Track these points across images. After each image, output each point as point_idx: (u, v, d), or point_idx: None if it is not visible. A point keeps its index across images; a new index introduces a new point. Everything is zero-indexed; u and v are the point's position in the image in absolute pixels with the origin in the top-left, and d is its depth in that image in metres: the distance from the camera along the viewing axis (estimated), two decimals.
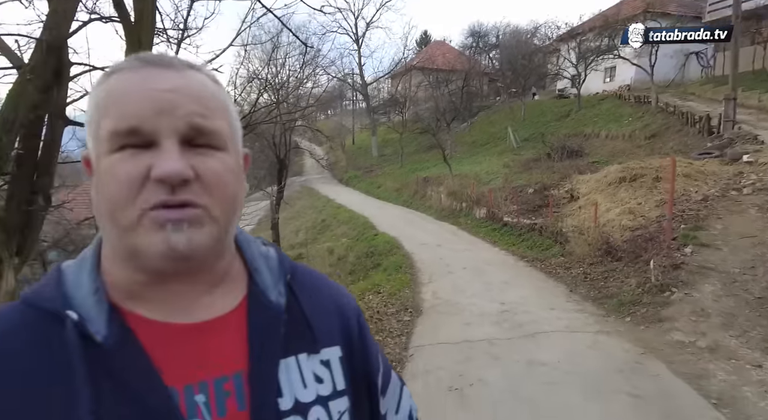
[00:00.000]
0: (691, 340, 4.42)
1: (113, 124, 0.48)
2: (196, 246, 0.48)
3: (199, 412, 0.49)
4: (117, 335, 0.49)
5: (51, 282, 0.52)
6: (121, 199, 0.47)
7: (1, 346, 0.47)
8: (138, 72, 0.50)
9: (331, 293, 0.67)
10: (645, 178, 10.04)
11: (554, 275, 7.75)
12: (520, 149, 21.39)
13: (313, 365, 0.57)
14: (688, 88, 21.32)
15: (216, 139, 0.51)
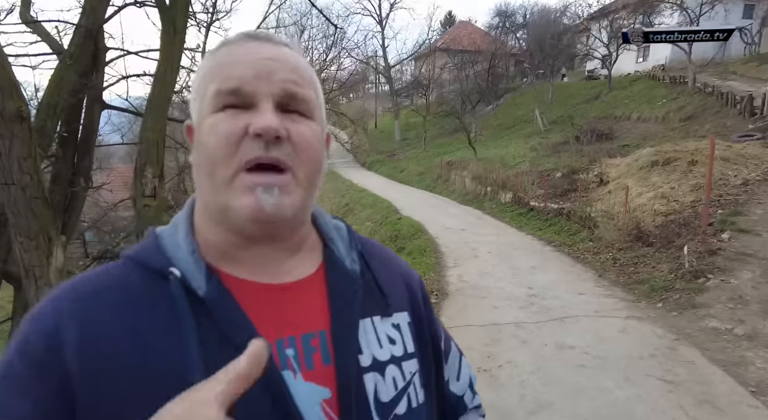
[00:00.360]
0: (727, 328, 4.32)
1: (217, 86, 0.53)
2: (282, 209, 0.52)
3: (290, 364, 0.52)
4: (216, 291, 0.52)
5: (151, 244, 0.56)
6: (220, 154, 0.51)
7: (114, 298, 0.51)
8: (242, 45, 0.56)
9: (397, 264, 0.71)
10: (679, 161, 9.70)
11: (582, 260, 7.64)
12: (547, 132, 20.90)
13: (386, 328, 0.60)
14: (729, 67, 20.28)
15: (306, 106, 0.55)
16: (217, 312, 0.51)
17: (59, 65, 4.96)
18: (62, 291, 0.52)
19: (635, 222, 7.74)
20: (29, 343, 0.48)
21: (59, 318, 0.49)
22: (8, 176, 2.98)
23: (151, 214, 3.87)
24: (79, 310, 0.49)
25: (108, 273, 0.54)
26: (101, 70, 5.60)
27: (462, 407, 0.74)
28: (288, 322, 0.54)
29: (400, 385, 0.58)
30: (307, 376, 0.52)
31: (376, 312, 0.60)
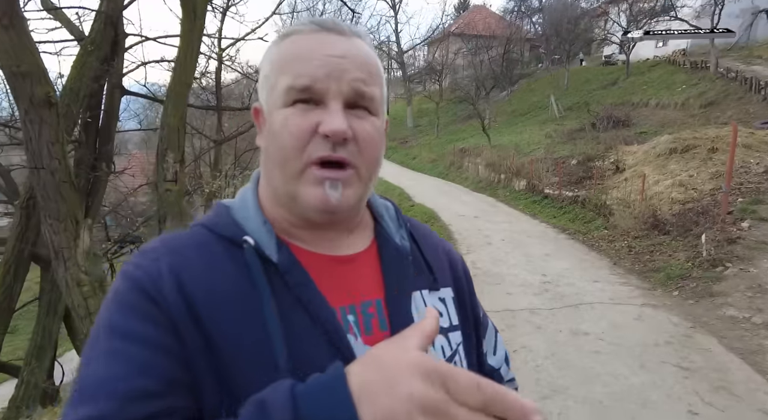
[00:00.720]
0: (745, 316, 4.29)
1: (290, 81, 0.56)
2: (345, 202, 0.56)
3: (351, 329, 0.57)
4: (287, 259, 0.57)
5: (223, 214, 0.61)
6: (291, 149, 0.55)
7: (200, 255, 0.55)
8: (314, 36, 0.58)
9: (440, 243, 0.75)
10: (698, 149, 9.53)
11: (597, 248, 7.60)
12: (562, 119, 20.58)
13: (433, 300, 0.65)
14: (754, 51, 19.60)
15: (372, 104, 0.58)
16: (289, 277, 0.55)
17: (81, 51, 5.04)
18: (154, 245, 0.58)
19: (652, 210, 7.66)
20: (137, 281, 0.52)
21: (160, 264, 0.53)
22: (38, 161, 3.07)
23: (172, 198, 3.96)
24: (176, 260, 0.54)
25: (187, 236, 0.59)
26: (121, 56, 5.68)
27: (498, 379, 0.78)
28: (347, 290, 0.59)
29: (448, 354, 0.63)
30: (366, 340, 0.57)
31: (425, 286, 0.64)
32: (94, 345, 0.51)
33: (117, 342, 0.49)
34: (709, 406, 3.02)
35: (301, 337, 0.53)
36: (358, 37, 0.60)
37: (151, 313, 0.50)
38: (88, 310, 3.99)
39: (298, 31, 0.59)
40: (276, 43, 0.61)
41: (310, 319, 0.54)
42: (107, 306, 0.54)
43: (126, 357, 0.48)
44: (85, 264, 3.75)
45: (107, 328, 0.51)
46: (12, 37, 2.74)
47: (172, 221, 3.93)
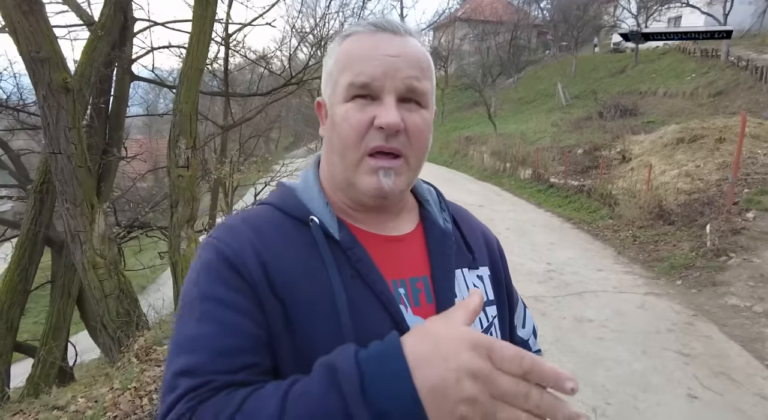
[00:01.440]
0: (747, 305, 4.36)
1: (351, 79, 0.63)
2: (396, 188, 0.64)
3: (402, 300, 0.64)
4: (346, 236, 0.64)
5: (289, 195, 0.69)
6: (351, 140, 0.63)
7: (277, 230, 0.63)
8: (372, 36, 0.65)
9: (478, 226, 0.83)
10: (706, 139, 9.48)
11: (602, 238, 7.65)
12: (569, 107, 20.43)
13: (472, 278, 0.72)
14: (766, 39, 19.31)
15: (423, 98, 0.65)
16: (350, 253, 0.63)
17: (91, 36, 5.06)
18: (235, 221, 0.65)
19: (657, 200, 7.67)
20: (223, 254, 0.60)
21: (242, 239, 0.61)
22: (56, 145, 3.14)
23: (185, 184, 4.03)
24: (256, 235, 0.62)
25: (261, 214, 0.67)
26: (130, 42, 5.70)
27: (527, 349, 0.84)
28: (398, 266, 0.66)
29: (484, 326, 0.70)
30: (415, 311, 0.64)
31: (465, 265, 0.72)
32: (187, 309, 0.59)
33: (208, 305, 0.57)
34: (708, 390, 3.10)
35: (361, 305, 0.60)
36: (410, 35, 0.66)
37: (236, 283, 0.58)
38: (104, 291, 4.10)
39: (357, 32, 0.66)
40: (338, 43, 0.67)
41: (368, 290, 0.61)
42: (196, 275, 0.61)
43: (216, 319, 0.56)
44: (101, 247, 3.85)
45: (198, 294, 0.59)
46: (32, 23, 2.78)
47: (184, 206, 4.01)
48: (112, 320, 4.24)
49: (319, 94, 0.73)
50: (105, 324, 4.35)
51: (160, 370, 3.27)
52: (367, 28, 0.65)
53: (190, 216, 4.05)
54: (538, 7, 35.68)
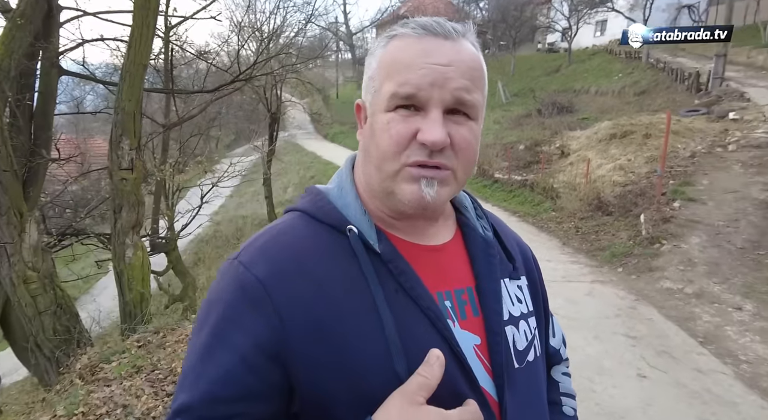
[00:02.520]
0: (679, 288, 4.75)
1: (394, 88, 0.57)
2: (439, 199, 0.59)
3: (449, 314, 0.61)
4: (387, 247, 0.60)
5: (324, 202, 0.63)
6: (389, 152, 0.58)
7: (301, 254, 0.58)
8: (419, 41, 0.58)
9: (512, 234, 0.80)
10: (635, 134, 10.24)
11: (546, 229, 8.04)
12: (510, 105, 21.28)
13: (513, 288, 0.70)
14: (679, 43, 21.17)
15: (472, 110, 0.59)
16: (392, 266, 0.59)
17: (8, 25, 4.57)
18: (265, 240, 0.60)
19: (596, 192, 8.18)
20: (247, 286, 0.56)
21: (273, 263, 0.57)
22: None
23: (129, 187, 3.75)
24: (292, 256, 0.57)
25: (293, 226, 0.62)
26: (57, 32, 5.20)
27: (558, 358, 0.86)
28: (442, 277, 0.63)
29: (529, 338, 0.68)
30: (463, 325, 0.61)
31: (506, 274, 0.69)
32: (197, 334, 0.57)
33: (216, 344, 0.55)
34: (654, 369, 3.35)
35: (407, 322, 0.57)
36: (464, 38, 0.61)
37: (253, 325, 0.54)
38: (38, 308, 3.73)
39: (403, 35, 0.60)
40: (382, 45, 0.61)
41: (414, 305, 0.58)
42: (211, 305, 0.58)
43: (220, 363, 0.54)
44: (33, 259, 3.49)
45: (209, 328, 0.56)
46: None
47: (128, 211, 3.72)
48: (48, 339, 3.86)
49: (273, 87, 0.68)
50: (39, 344, 3.95)
51: (110, 391, 3.02)
52: (415, 31, 0.59)
53: (135, 221, 3.77)
54: (477, 7, 36.82)
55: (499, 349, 0.62)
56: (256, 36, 8.66)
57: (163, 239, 8.14)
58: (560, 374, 0.86)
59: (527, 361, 0.66)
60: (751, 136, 8.90)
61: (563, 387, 0.85)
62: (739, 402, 2.94)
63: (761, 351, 3.55)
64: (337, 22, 34.90)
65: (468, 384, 0.58)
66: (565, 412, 0.82)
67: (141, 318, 3.92)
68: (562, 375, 0.86)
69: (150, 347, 3.47)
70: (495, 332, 0.62)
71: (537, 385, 0.69)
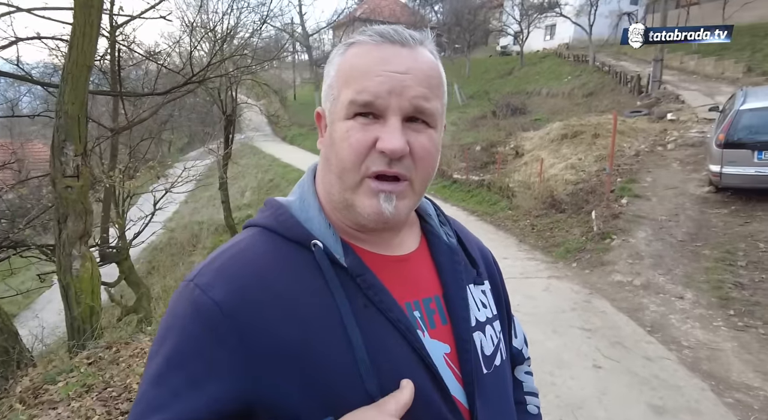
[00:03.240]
0: (628, 280, 5.02)
1: (352, 96, 0.57)
2: (398, 214, 0.59)
3: (419, 324, 0.61)
4: (354, 261, 0.59)
5: (286, 216, 0.61)
6: (350, 161, 0.57)
7: (263, 271, 0.56)
8: (377, 48, 0.58)
9: (474, 239, 0.81)
10: (585, 134, 10.73)
11: (504, 228, 8.27)
12: (465, 107, 21.76)
13: (478, 294, 0.71)
14: (621, 48, 22.40)
15: (431, 118, 0.60)
16: (360, 280, 0.58)
17: None
18: (223, 259, 0.58)
19: (549, 191, 8.50)
20: (203, 310, 0.53)
21: (232, 283, 0.55)
22: None
23: (75, 196, 3.54)
24: (252, 274, 0.55)
25: (253, 243, 0.60)
26: None
27: (521, 358, 0.88)
28: (410, 288, 0.63)
29: (495, 341, 0.69)
30: (432, 335, 0.62)
31: (471, 280, 0.70)
32: (153, 354, 0.56)
33: (171, 370, 0.53)
34: (608, 359, 3.52)
35: (378, 336, 0.56)
36: (422, 46, 0.61)
37: (209, 350, 0.53)
38: None
39: (361, 42, 0.59)
40: (340, 52, 0.61)
41: (383, 318, 0.57)
42: (168, 327, 0.55)
43: (172, 390, 0.53)
44: None
45: (164, 352, 0.54)
46: None
47: (75, 221, 3.50)
48: None
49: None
50: None
51: (56, 414, 2.83)
52: (372, 38, 0.59)
53: (83, 231, 3.56)
54: (432, 10, 37.42)
55: (468, 356, 0.63)
56: (209, 37, 8.40)
57: (113, 249, 7.73)
58: (523, 374, 0.89)
59: (495, 365, 0.68)
60: (686, 136, 9.54)
61: (527, 386, 0.88)
62: (683, 385, 3.15)
63: (701, 336, 3.81)
64: (293, 23, 34.42)
65: (439, 393, 0.58)
66: (530, 410, 0.85)
67: (91, 333, 3.70)
68: (525, 374, 0.89)
69: (102, 364, 3.28)
70: (464, 340, 0.63)
71: (504, 388, 0.70)
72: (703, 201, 6.50)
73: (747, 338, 3.74)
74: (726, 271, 4.78)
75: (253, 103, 17.08)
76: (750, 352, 3.54)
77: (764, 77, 13.12)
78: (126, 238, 8.28)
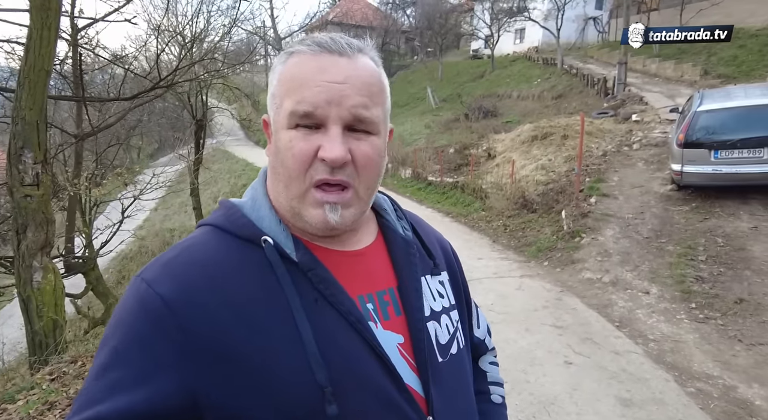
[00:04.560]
0: (597, 277, 5.17)
1: (292, 107, 0.58)
2: (344, 221, 0.61)
3: (371, 316, 0.63)
4: (305, 256, 0.60)
5: (236, 214, 0.62)
6: (295, 171, 0.59)
7: (210, 270, 0.56)
8: (316, 58, 0.59)
9: (432, 231, 0.84)
10: (554, 136, 11.00)
11: (477, 228, 8.39)
12: (439, 110, 22.00)
13: (435, 284, 0.73)
14: (587, 51, 23.13)
15: (372, 126, 0.60)
16: (312, 275, 0.59)
17: None
18: (171, 255, 0.58)
19: (521, 191, 8.67)
20: (150, 307, 0.53)
21: (179, 281, 0.55)
22: None
23: (35, 205, 3.41)
24: (200, 272, 0.55)
25: (203, 242, 0.60)
26: None
27: (484, 348, 0.91)
28: (363, 281, 0.65)
29: (451, 331, 0.71)
30: (385, 326, 0.63)
31: (427, 272, 0.72)
32: (99, 352, 0.55)
33: (115, 365, 0.53)
34: (579, 355, 3.61)
35: (329, 329, 0.57)
36: (362, 53, 0.62)
37: (158, 347, 0.52)
38: None
39: (300, 52, 0.60)
40: (282, 61, 0.62)
41: (335, 312, 0.58)
42: (116, 322, 0.55)
43: (115, 385, 0.52)
44: None
45: (113, 346, 0.54)
46: None
47: (35, 231, 3.37)
48: None
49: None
50: None
51: None
52: (310, 48, 0.59)
53: (44, 242, 3.42)
54: (404, 14, 37.72)
55: (422, 345, 0.64)
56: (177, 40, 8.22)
57: (79, 259, 7.46)
58: (487, 364, 0.91)
59: (451, 353, 0.69)
60: (650, 136, 9.89)
61: (491, 376, 0.90)
62: (649, 377, 3.26)
63: (665, 329, 3.95)
64: (265, 26, 34.11)
65: (393, 383, 0.60)
66: (494, 400, 0.87)
67: (54, 347, 3.56)
68: (489, 364, 0.91)
69: (66, 379, 3.16)
70: (417, 329, 0.65)
71: (462, 375, 0.72)
72: (666, 199, 6.74)
73: (707, 329, 3.90)
74: (688, 265, 4.97)
75: (225, 107, 16.85)
76: (710, 343, 3.70)
77: (719, 80, 13.76)
78: (93, 247, 8.01)
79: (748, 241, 5.20)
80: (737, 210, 5.90)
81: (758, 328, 3.83)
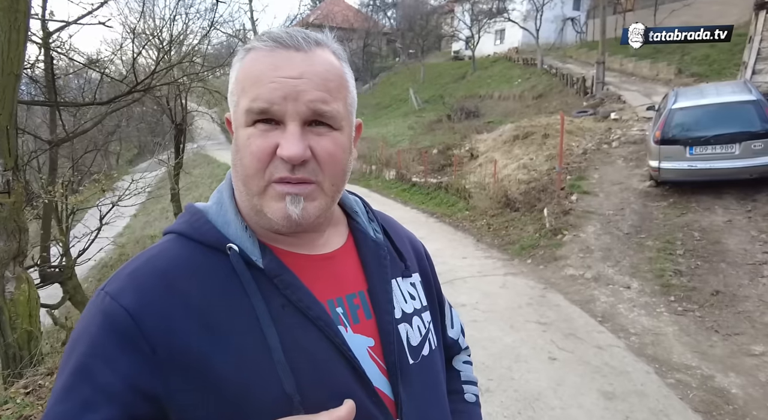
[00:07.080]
0: (580, 273, 5.24)
1: (248, 104, 0.56)
2: (308, 215, 0.58)
3: (341, 320, 0.62)
4: (272, 262, 0.58)
5: (201, 221, 0.61)
6: (253, 168, 0.57)
7: (173, 278, 0.55)
8: (271, 54, 0.57)
9: (404, 232, 0.83)
10: (535, 135, 11.13)
11: (461, 228, 8.44)
12: (421, 111, 22.11)
13: (406, 286, 0.72)
14: (566, 52, 23.51)
15: (333, 121, 0.58)
16: (278, 280, 0.58)
17: None
18: (134, 266, 0.56)
19: (503, 191, 8.74)
20: (113, 319, 0.52)
21: (142, 292, 0.54)
22: None
23: (6, 213, 3.31)
24: (163, 283, 0.54)
25: (167, 251, 0.58)
26: None
27: (457, 348, 0.90)
28: (333, 285, 0.63)
29: (423, 332, 0.71)
30: (355, 329, 0.62)
31: (398, 274, 0.71)
32: (62, 366, 0.54)
33: (80, 382, 0.51)
34: (563, 351, 3.65)
35: (297, 335, 0.56)
36: (320, 47, 0.59)
37: (124, 361, 0.51)
38: None
39: (256, 48, 0.58)
40: (239, 58, 0.60)
41: (303, 317, 0.57)
42: (78, 336, 0.54)
43: (81, 402, 0.50)
44: None
45: (76, 363, 0.52)
46: None
47: (7, 240, 3.27)
48: None
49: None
50: None
51: None
52: (266, 44, 0.57)
53: (17, 251, 3.32)
54: (385, 16, 37.82)
55: (391, 348, 0.63)
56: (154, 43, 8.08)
57: (56, 268, 7.26)
58: (461, 363, 0.91)
59: (422, 355, 0.69)
60: (629, 134, 10.09)
61: (464, 375, 0.89)
62: (630, 370, 3.31)
63: (646, 323, 4.03)
64: (245, 29, 33.77)
65: (362, 387, 0.59)
66: (467, 399, 0.87)
67: (29, 360, 3.45)
68: (463, 364, 0.91)
69: (42, 392, 3.06)
70: (387, 332, 0.64)
71: (433, 377, 0.71)
72: (645, 195, 6.88)
73: (686, 322, 3.98)
74: (667, 260, 5.08)
75: (205, 111, 16.62)
76: (689, 335, 3.78)
77: (693, 78, 14.12)
78: (71, 255, 7.81)
79: (723, 234, 5.34)
80: (712, 205, 6.05)
81: (733, 319, 3.93)
